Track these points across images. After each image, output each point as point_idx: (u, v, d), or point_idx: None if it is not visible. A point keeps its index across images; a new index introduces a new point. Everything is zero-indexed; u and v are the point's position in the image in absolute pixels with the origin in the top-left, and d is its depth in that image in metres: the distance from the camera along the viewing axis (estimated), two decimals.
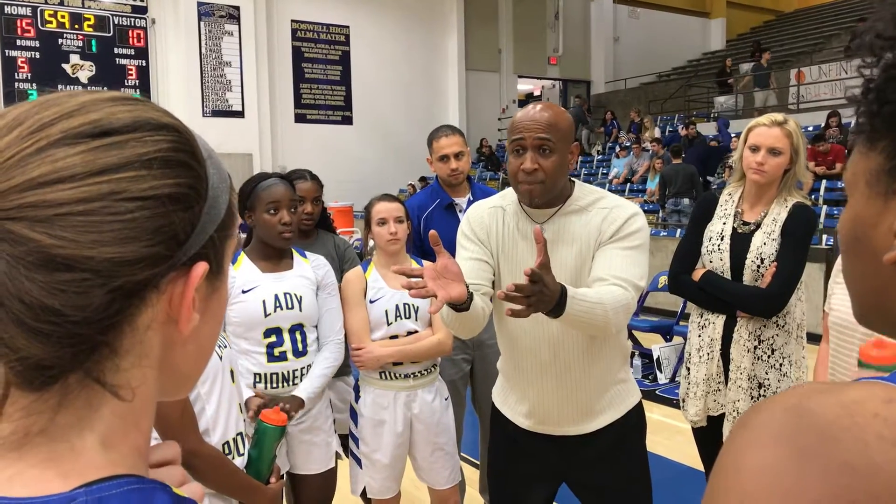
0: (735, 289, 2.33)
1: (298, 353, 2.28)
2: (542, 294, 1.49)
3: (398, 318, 2.46)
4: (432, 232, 1.61)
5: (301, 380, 2.29)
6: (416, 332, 2.47)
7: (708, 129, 13.04)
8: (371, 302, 2.45)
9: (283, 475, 2.23)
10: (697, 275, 2.42)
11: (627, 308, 1.74)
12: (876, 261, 0.55)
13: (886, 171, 0.53)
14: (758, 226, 2.35)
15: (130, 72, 13.55)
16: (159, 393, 0.54)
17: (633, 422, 2.00)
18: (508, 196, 1.93)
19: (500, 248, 1.90)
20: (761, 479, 0.45)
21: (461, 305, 1.64)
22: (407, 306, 2.46)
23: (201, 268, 0.52)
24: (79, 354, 0.47)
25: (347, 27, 15.75)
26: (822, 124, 10.85)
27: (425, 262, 1.64)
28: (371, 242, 2.57)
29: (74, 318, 0.45)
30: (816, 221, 2.44)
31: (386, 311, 2.44)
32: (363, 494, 2.60)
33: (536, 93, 21.04)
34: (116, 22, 13.44)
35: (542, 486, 2.03)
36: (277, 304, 2.23)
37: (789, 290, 2.27)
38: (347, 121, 15.89)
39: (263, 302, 2.22)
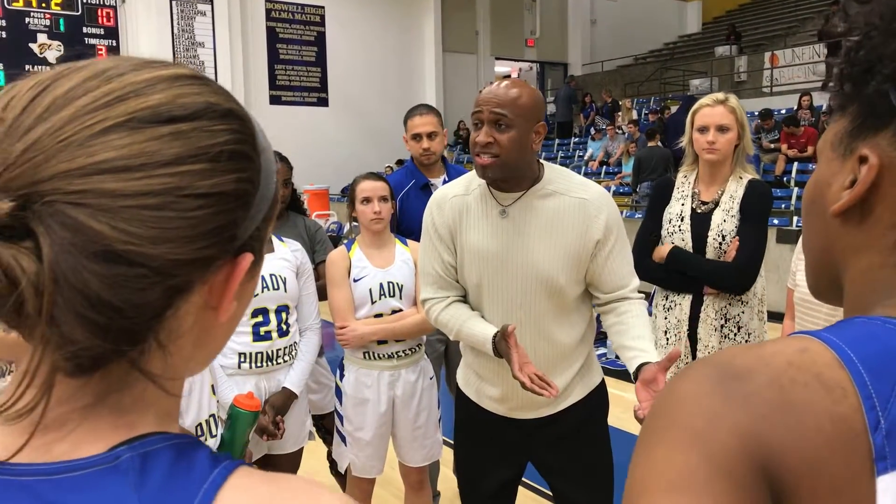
0: (706, 264, 2.36)
1: (282, 333, 2.31)
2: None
3: (382, 297, 2.46)
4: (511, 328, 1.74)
5: (284, 359, 2.32)
6: (401, 310, 2.48)
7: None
8: (355, 281, 2.46)
9: (254, 461, 2.23)
10: (663, 250, 2.44)
11: (646, 305, 1.95)
12: (826, 219, 0.59)
13: (848, 133, 0.56)
14: (716, 204, 2.39)
15: (100, 52, 13.25)
16: (189, 364, 0.54)
17: (596, 402, 2.03)
18: (474, 182, 1.91)
19: (464, 238, 1.89)
20: (688, 404, 0.51)
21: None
22: (391, 285, 2.47)
23: (247, 260, 0.51)
24: (128, 345, 0.47)
25: (322, 8, 15.55)
26: (795, 107, 10.97)
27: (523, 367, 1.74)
28: (348, 225, 2.57)
29: (129, 313, 0.45)
30: (772, 195, 2.53)
31: (370, 290, 2.45)
32: (337, 471, 2.63)
33: (514, 75, 20.98)
34: (85, 1, 13.13)
35: (506, 466, 2.05)
36: (265, 285, 2.25)
37: (758, 263, 2.33)
38: (323, 103, 15.73)
39: None
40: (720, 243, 2.35)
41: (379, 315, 2.46)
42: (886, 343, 0.51)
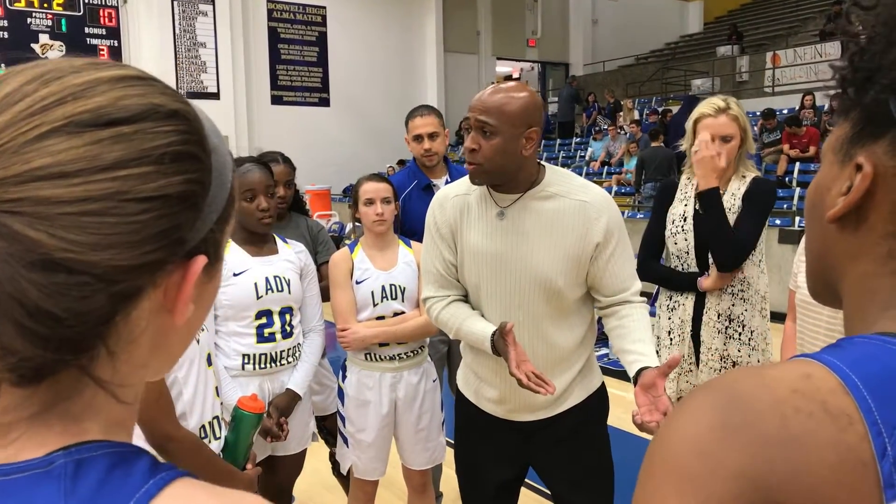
0: (725, 225, 2.29)
1: (286, 335, 2.31)
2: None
3: (384, 299, 2.46)
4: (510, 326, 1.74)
5: (287, 360, 2.32)
6: (403, 312, 2.47)
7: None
8: (357, 283, 2.45)
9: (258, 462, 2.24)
10: (712, 176, 2.27)
11: (647, 308, 1.95)
12: (823, 224, 0.59)
13: (849, 139, 0.56)
14: None
15: (102, 52, 13.27)
16: (143, 371, 0.53)
17: (595, 405, 2.02)
18: None
19: (464, 237, 1.90)
20: (688, 445, 0.50)
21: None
22: (393, 287, 2.46)
23: (200, 262, 0.50)
24: (74, 354, 0.46)
25: (324, 7, 15.56)
26: (797, 107, 10.96)
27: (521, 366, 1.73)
28: (350, 225, 2.57)
29: (71, 322, 0.44)
30: (776, 193, 2.50)
31: (372, 292, 2.44)
32: (340, 472, 2.62)
33: (515, 75, 20.96)
34: (87, 1, 13.14)
35: (506, 467, 2.05)
36: (269, 287, 2.25)
37: (750, 248, 2.31)
38: (324, 103, 15.74)
39: (255, 284, 2.23)
40: None
41: (381, 317, 2.46)
42: (887, 364, 0.50)
